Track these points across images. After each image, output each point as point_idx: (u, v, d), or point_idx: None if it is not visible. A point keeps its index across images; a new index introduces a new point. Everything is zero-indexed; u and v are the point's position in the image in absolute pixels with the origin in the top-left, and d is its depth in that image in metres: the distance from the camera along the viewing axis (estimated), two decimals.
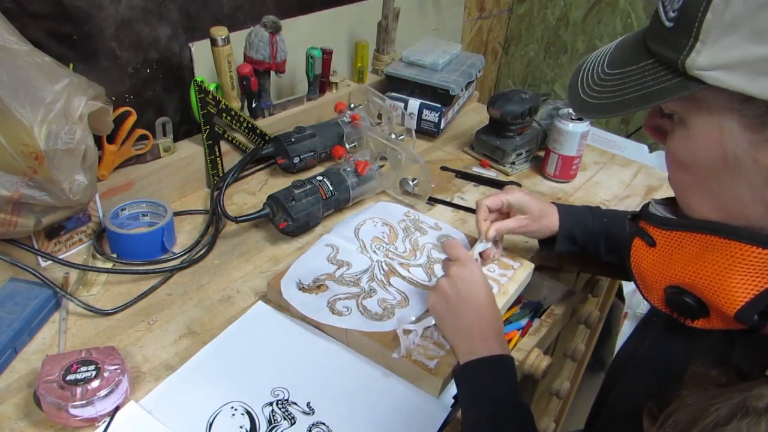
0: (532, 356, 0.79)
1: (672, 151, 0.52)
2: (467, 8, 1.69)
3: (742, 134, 0.45)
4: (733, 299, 0.49)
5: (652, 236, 0.57)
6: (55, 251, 0.83)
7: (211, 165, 1.01)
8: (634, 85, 0.49)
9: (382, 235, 0.90)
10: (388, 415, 0.66)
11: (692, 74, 0.45)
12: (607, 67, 0.53)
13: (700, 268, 0.52)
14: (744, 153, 0.46)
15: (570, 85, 0.56)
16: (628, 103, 0.49)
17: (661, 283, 0.56)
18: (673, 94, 0.46)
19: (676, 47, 0.45)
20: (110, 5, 0.88)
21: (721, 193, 0.50)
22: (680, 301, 0.54)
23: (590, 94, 0.53)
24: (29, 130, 0.67)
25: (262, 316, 0.77)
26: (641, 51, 0.50)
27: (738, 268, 0.49)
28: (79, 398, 0.60)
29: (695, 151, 0.49)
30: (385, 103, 1.18)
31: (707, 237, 0.52)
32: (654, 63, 0.48)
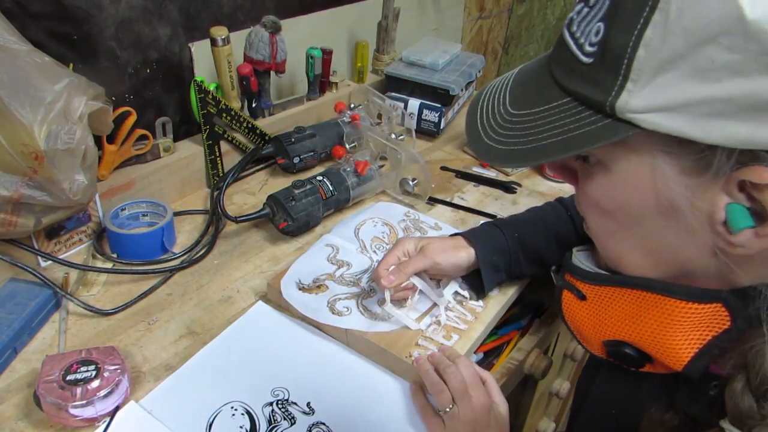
0: (532, 356, 0.79)
1: (589, 196, 0.47)
2: (467, 8, 1.69)
3: (677, 178, 0.40)
4: (678, 356, 0.47)
5: (581, 290, 0.53)
6: (55, 251, 0.83)
7: (211, 165, 1.01)
8: (551, 128, 0.42)
9: (382, 235, 0.90)
10: (388, 415, 0.66)
11: (623, 117, 0.39)
12: (510, 106, 0.46)
13: (638, 326, 0.49)
14: (680, 197, 0.41)
15: (468, 125, 0.49)
16: (548, 150, 0.42)
17: (598, 336, 0.53)
18: (601, 140, 0.40)
19: (600, 87, 0.39)
20: (110, 5, 0.88)
21: (652, 238, 0.45)
22: (621, 353, 0.51)
23: (496, 138, 0.46)
24: (29, 130, 0.67)
25: (262, 316, 0.77)
26: (550, 86, 0.44)
27: (677, 326, 0.46)
28: (79, 398, 0.60)
29: (620, 197, 0.44)
30: (385, 103, 1.18)
31: (639, 293, 0.48)
32: (570, 102, 0.42)
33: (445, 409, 0.63)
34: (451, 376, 0.65)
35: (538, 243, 0.78)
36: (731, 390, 0.42)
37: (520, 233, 0.78)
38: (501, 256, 0.77)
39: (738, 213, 0.39)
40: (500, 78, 0.51)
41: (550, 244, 0.78)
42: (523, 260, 0.78)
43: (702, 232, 0.42)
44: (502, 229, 0.78)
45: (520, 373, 0.80)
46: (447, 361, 0.67)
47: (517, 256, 0.77)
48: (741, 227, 0.39)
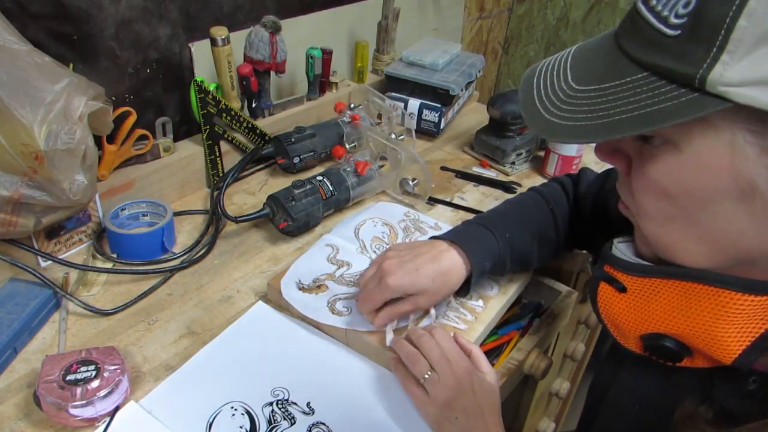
0: (532, 356, 0.79)
1: (652, 179, 0.45)
2: (467, 8, 1.69)
3: (758, 158, 0.39)
4: (728, 349, 0.45)
5: (621, 282, 0.52)
6: (55, 251, 0.83)
7: (211, 165, 1.01)
8: (624, 104, 0.41)
9: (382, 235, 0.90)
10: (388, 415, 0.66)
11: (714, 91, 0.37)
12: (574, 82, 0.45)
13: (686, 318, 0.47)
14: (761, 178, 0.40)
15: (524, 103, 0.47)
16: (620, 126, 0.41)
17: (637, 330, 0.51)
18: (685, 115, 0.38)
19: (687, 59, 0.38)
20: (110, 5, 0.88)
21: (717, 224, 0.43)
22: (660, 347, 0.50)
23: (559, 114, 0.44)
24: (29, 130, 0.67)
25: (262, 316, 0.77)
26: (621, 62, 0.42)
27: (730, 318, 0.45)
28: (79, 398, 0.60)
29: (692, 180, 0.42)
30: (385, 103, 1.18)
31: (690, 284, 0.47)
32: (648, 77, 0.41)
33: (423, 377, 0.63)
34: (426, 344, 0.65)
35: (525, 244, 0.77)
36: None
37: (510, 235, 0.75)
38: (491, 261, 0.74)
39: None
40: (555, 56, 0.49)
41: (533, 243, 0.77)
42: (509, 262, 0.76)
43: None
44: (494, 233, 0.74)
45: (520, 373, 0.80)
46: (421, 332, 0.67)
47: (504, 259, 0.75)
48: None
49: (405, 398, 0.68)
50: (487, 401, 0.62)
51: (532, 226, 0.77)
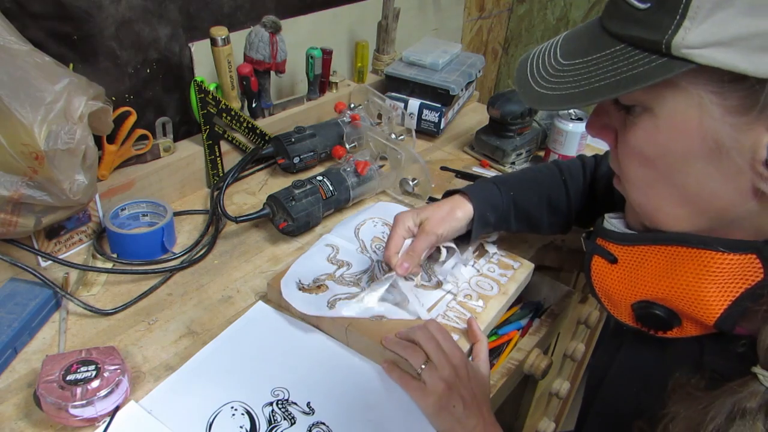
0: (532, 356, 0.79)
1: (633, 145, 0.49)
2: (467, 8, 1.69)
3: (723, 117, 0.42)
4: (710, 309, 0.48)
5: (612, 253, 0.55)
6: (55, 251, 0.83)
7: (211, 165, 1.01)
8: (603, 72, 0.45)
9: (382, 235, 0.90)
10: (387, 414, 0.66)
11: (678, 54, 0.41)
12: (562, 58, 0.49)
13: (671, 281, 0.50)
14: (726, 137, 0.43)
15: (518, 80, 0.52)
16: (599, 91, 0.45)
17: (628, 299, 0.54)
18: (655, 77, 0.42)
19: (655, 27, 0.42)
20: (110, 5, 0.88)
21: (692, 185, 0.47)
22: (650, 315, 0.53)
23: (547, 86, 0.48)
24: (29, 130, 0.67)
25: (262, 316, 0.77)
26: (603, 38, 0.46)
27: (712, 278, 0.48)
28: (79, 398, 0.60)
29: (667, 142, 0.46)
30: (385, 103, 1.18)
31: (674, 248, 0.50)
32: (624, 48, 0.44)
33: (420, 367, 0.64)
34: (420, 335, 0.67)
35: (530, 204, 0.81)
36: (762, 338, 0.44)
37: (515, 192, 0.81)
38: (494, 211, 0.80)
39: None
40: (548, 41, 0.53)
41: (541, 207, 0.81)
42: (513, 218, 0.81)
43: (743, 174, 0.44)
44: (499, 186, 0.81)
45: (520, 373, 0.80)
46: (414, 327, 0.69)
47: (508, 213, 0.81)
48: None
49: (405, 398, 0.68)
50: (480, 390, 0.65)
51: (541, 190, 0.82)
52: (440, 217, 0.77)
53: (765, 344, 0.43)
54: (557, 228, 0.84)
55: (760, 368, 0.43)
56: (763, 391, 0.43)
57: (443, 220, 0.77)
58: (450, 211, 0.78)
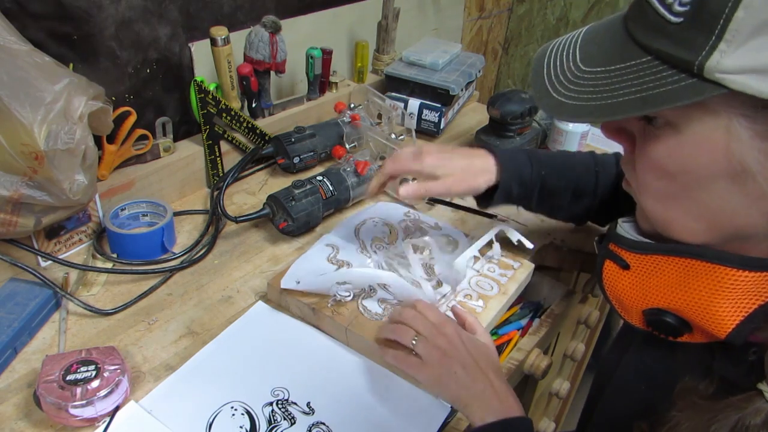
0: (532, 356, 0.79)
1: (653, 158, 0.47)
2: (467, 8, 1.69)
3: (751, 142, 0.41)
4: (723, 323, 0.47)
5: (624, 259, 0.54)
6: (55, 251, 0.83)
7: (211, 165, 1.01)
8: (628, 86, 0.43)
9: (382, 235, 0.90)
10: (388, 415, 0.66)
11: (711, 77, 0.39)
12: (582, 64, 0.47)
13: (684, 293, 0.49)
14: (753, 161, 0.42)
15: (535, 82, 0.50)
16: (623, 107, 0.43)
17: (639, 305, 0.54)
18: (684, 99, 0.41)
19: (688, 46, 0.40)
20: (110, 5, 0.88)
21: (712, 202, 0.46)
22: (661, 322, 0.52)
23: (566, 95, 0.46)
24: (29, 130, 0.67)
25: (262, 316, 0.77)
26: (628, 46, 0.44)
27: (726, 293, 0.47)
28: (79, 398, 0.60)
29: (689, 159, 0.45)
30: (385, 103, 1.18)
31: (689, 261, 0.49)
32: (651, 61, 0.43)
33: (412, 341, 0.64)
34: (406, 314, 0.67)
35: (557, 189, 0.80)
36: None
37: (546, 172, 0.79)
38: (520, 186, 0.78)
39: None
40: (566, 36, 0.51)
41: (567, 193, 0.80)
42: (536, 197, 0.79)
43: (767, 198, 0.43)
44: (533, 163, 0.78)
45: (520, 373, 0.80)
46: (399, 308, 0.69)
47: (532, 192, 0.79)
48: None
49: (405, 398, 0.68)
50: (482, 356, 0.64)
51: (572, 176, 0.80)
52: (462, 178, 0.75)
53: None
54: (575, 218, 0.84)
55: (765, 384, 0.43)
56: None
57: (464, 182, 0.75)
58: (474, 176, 0.75)
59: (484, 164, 0.76)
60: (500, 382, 0.62)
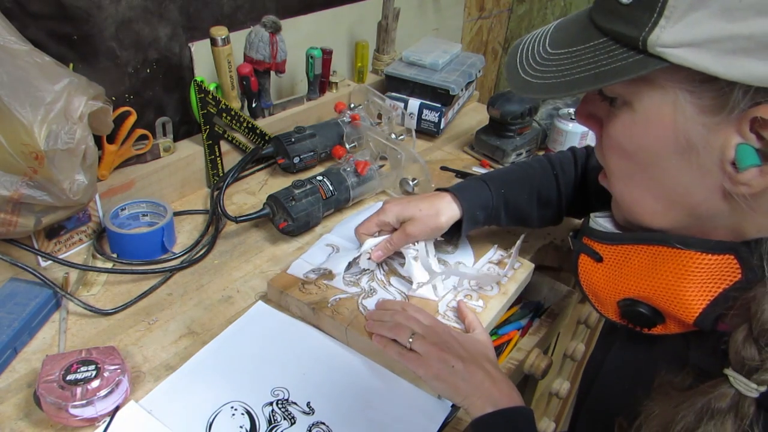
0: (532, 356, 0.79)
1: (613, 137, 0.50)
2: (467, 8, 1.69)
3: (695, 117, 0.44)
4: (690, 308, 0.49)
5: (597, 252, 0.56)
6: (55, 251, 0.83)
7: (211, 165, 1.01)
8: (585, 64, 0.46)
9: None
10: (387, 414, 0.66)
11: (653, 52, 0.42)
12: (549, 47, 0.50)
13: (652, 280, 0.51)
14: (697, 136, 0.44)
15: (508, 65, 0.53)
16: (579, 83, 0.46)
17: (613, 296, 0.55)
18: (631, 73, 0.43)
19: (635, 24, 0.43)
20: (110, 5, 0.88)
21: (667, 180, 0.48)
22: (635, 312, 0.54)
23: (532, 74, 0.49)
24: (29, 130, 0.67)
25: (262, 316, 0.77)
26: (589, 30, 0.47)
27: (691, 277, 0.49)
28: (79, 398, 0.60)
29: (642, 136, 0.47)
30: (385, 103, 1.18)
31: (655, 248, 0.51)
32: (607, 41, 0.45)
33: (408, 340, 0.66)
34: (400, 316, 0.69)
35: (521, 200, 0.82)
36: (734, 339, 0.44)
37: (506, 190, 0.81)
38: (483, 210, 0.80)
39: (746, 152, 0.43)
40: (542, 28, 0.54)
41: (531, 202, 0.82)
42: (504, 215, 0.82)
43: (713, 173, 0.45)
44: (489, 185, 0.81)
45: (520, 373, 0.80)
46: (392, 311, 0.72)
47: (498, 211, 0.81)
48: (747, 164, 0.43)
49: (404, 397, 0.68)
50: (478, 351, 0.67)
51: (532, 185, 0.82)
52: (424, 225, 0.78)
53: (736, 346, 0.44)
54: (548, 221, 0.85)
55: (731, 370, 0.44)
56: (733, 393, 0.43)
57: (426, 225, 0.78)
58: (435, 216, 0.78)
59: (443, 202, 0.79)
60: (498, 374, 0.64)
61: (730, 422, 0.43)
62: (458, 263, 0.84)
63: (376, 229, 0.81)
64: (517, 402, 0.61)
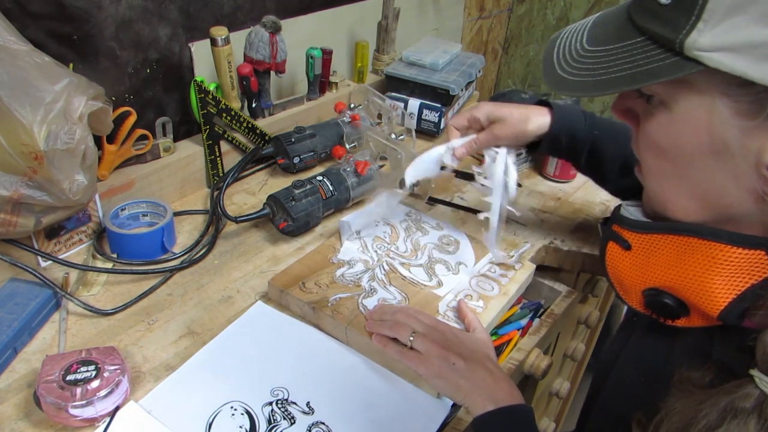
0: (532, 356, 0.79)
1: (649, 135, 0.50)
2: (467, 8, 1.69)
3: (731, 119, 0.44)
4: (715, 301, 0.49)
5: (627, 240, 0.56)
6: (55, 251, 0.83)
7: (211, 165, 1.01)
8: (621, 63, 0.46)
9: (383, 235, 0.90)
10: (387, 414, 0.66)
11: (690, 55, 0.42)
12: (587, 44, 0.50)
13: (680, 270, 0.51)
14: (733, 139, 0.44)
15: (545, 60, 0.53)
16: (614, 82, 0.46)
17: (639, 285, 0.55)
18: (666, 75, 0.44)
19: (673, 26, 0.43)
20: (110, 5, 0.88)
21: (702, 180, 0.48)
22: (659, 303, 0.54)
23: (569, 71, 0.50)
24: (29, 130, 0.67)
25: (262, 316, 0.77)
26: (627, 28, 0.47)
27: (719, 270, 0.48)
28: (79, 398, 0.60)
29: (678, 136, 0.48)
30: (385, 103, 1.18)
31: (685, 239, 0.51)
32: (644, 41, 0.46)
33: (409, 339, 0.67)
34: (400, 316, 0.70)
35: (607, 155, 0.81)
36: (762, 341, 0.44)
37: (599, 132, 0.80)
38: (569, 138, 0.80)
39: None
40: (580, 21, 0.54)
41: (615, 164, 0.81)
42: (585, 157, 0.82)
43: (748, 175, 0.45)
44: (586, 119, 0.81)
45: (520, 373, 0.80)
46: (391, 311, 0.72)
47: (582, 147, 0.81)
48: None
49: (404, 397, 0.68)
50: (478, 350, 0.67)
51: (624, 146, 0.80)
52: (512, 124, 0.78)
53: (764, 347, 0.44)
54: (621, 190, 0.85)
55: (757, 371, 0.44)
56: (758, 393, 0.43)
57: (513, 129, 0.78)
58: (524, 121, 0.78)
59: (539, 113, 0.79)
60: (499, 372, 0.64)
61: (753, 422, 0.42)
62: (459, 263, 0.84)
63: (466, 123, 0.82)
64: (517, 400, 0.61)
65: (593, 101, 1.77)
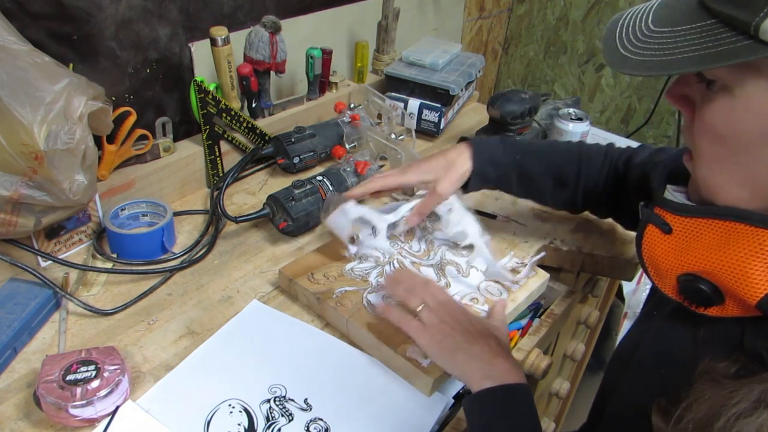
0: (532, 356, 0.79)
1: (707, 121, 0.49)
2: (467, 8, 1.69)
3: None
4: (755, 288, 0.48)
5: (669, 223, 0.55)
6: (55, 251, 0.83)
7: (211, 165, 1.01)
8: (689, 44, 0.45)
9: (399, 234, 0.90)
10: (384, 410, 0.66)
11: (765, 38, 0.41)
12: (653, 24, 0.49)
13: (720, 255, 0.50)
14: None
15: (606, 39, 0.52)
16: (680, 63, 0.45)
17: (675, 270, 0.54)
18: (737, 58, 0.42)
19: (750, 8, 0.42)
20: (110, 5, 0.88)
21: (756, 168, 0.48)
22: (694, 288, 0.53)
23: (632, 50, 0.49)
24: (29, 130, 0.67)
25: (258, 314, 0.77)
26: (697, 10, 0.46)
27: (763, 257, 0.48)
28: (79, 398, 0.60)
29: (739, 122, 0.47)
30: (385, 103, 1.18)
31: (732, 224, 0.50)
32: (715, 23, 0.44)
33: (418, 308, 0.68)
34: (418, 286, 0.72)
35: (537, 174, 0.83)
36: None
37: (521, 156, 0.83)
38: (494, 169, 0.83)
39: None
40: (644, 3, 0.53)
41: (546, 178, 0.83)
42: (515, 180, 0.84)
43: None
44: (505, 147, 0.84)
45: None
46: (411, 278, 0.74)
47: (510, 175, 0.84)
48: None
49: (402, 393, 0.68)
50: (486, 329, 0.67)
51: (551, 161, 0.84)
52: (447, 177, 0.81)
53: None
54: (562, 203, 0.87)
55: None
56: None
57: (450, 179, 0.81)
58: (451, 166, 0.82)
59: (458, 153, 0.82)
60: (499, 349, 0.64)
61: None
62: (470, 266, 0.84)
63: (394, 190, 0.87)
64: (515, 378, 0.61)
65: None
